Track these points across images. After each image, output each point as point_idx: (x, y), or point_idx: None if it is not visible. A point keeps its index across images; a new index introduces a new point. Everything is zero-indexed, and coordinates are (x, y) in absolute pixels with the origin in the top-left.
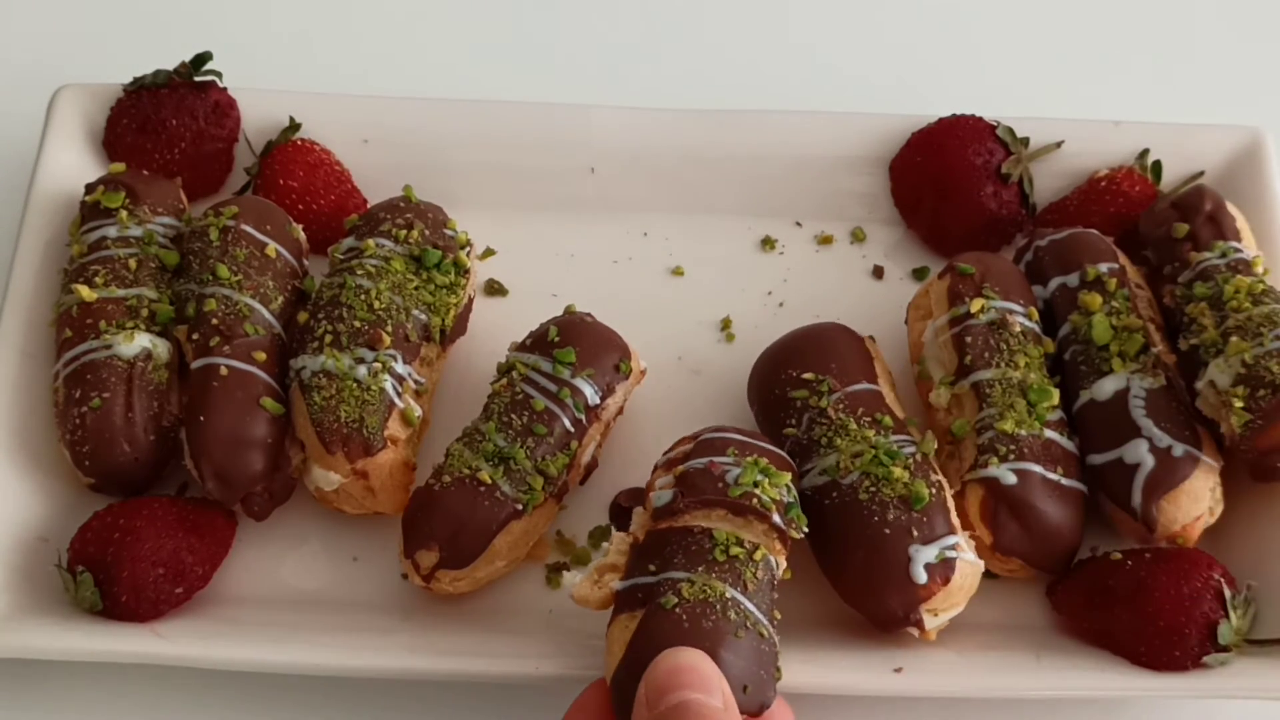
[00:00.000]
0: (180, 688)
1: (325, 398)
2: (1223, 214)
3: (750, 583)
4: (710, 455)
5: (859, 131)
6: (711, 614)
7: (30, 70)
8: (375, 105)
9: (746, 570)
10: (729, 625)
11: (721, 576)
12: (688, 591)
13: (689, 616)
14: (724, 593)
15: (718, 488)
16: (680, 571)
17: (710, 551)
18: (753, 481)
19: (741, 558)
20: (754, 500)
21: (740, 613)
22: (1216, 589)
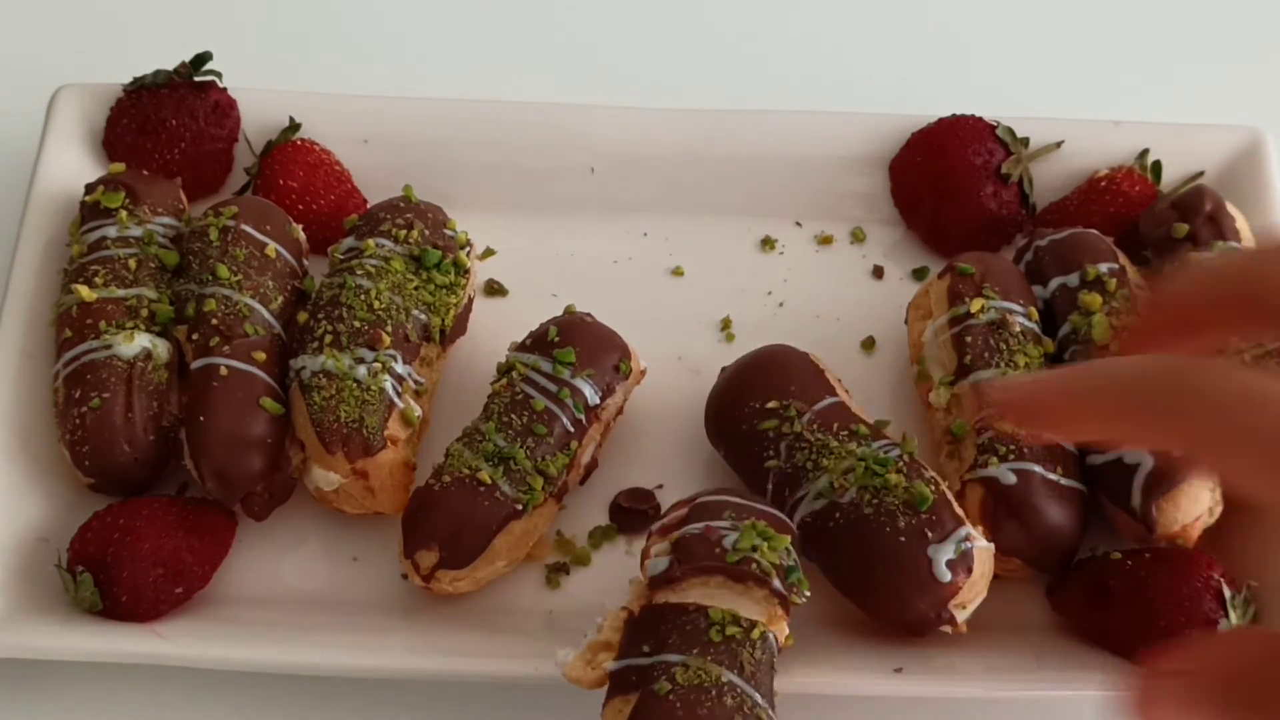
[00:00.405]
0: (180, 687)
1: (325, 398)
2: (1222, 214)
3: (748, 664)
4: (706, 519)
5: (859, 131)
6: (707, 700)
7: (30, 70)
8: (375, 105)
9: (744, 651)
10: (725, 711)
11: (718, 659)
12: (682, 677)
13: (683, 704)
14: (720, 677)
15: (715, 554)
16: (675, 654)
17: (706, 632)
18: (750, 546)
19: (739, 637)
20: (753, 565)
21: (737, 697)
22: (1216, 589)
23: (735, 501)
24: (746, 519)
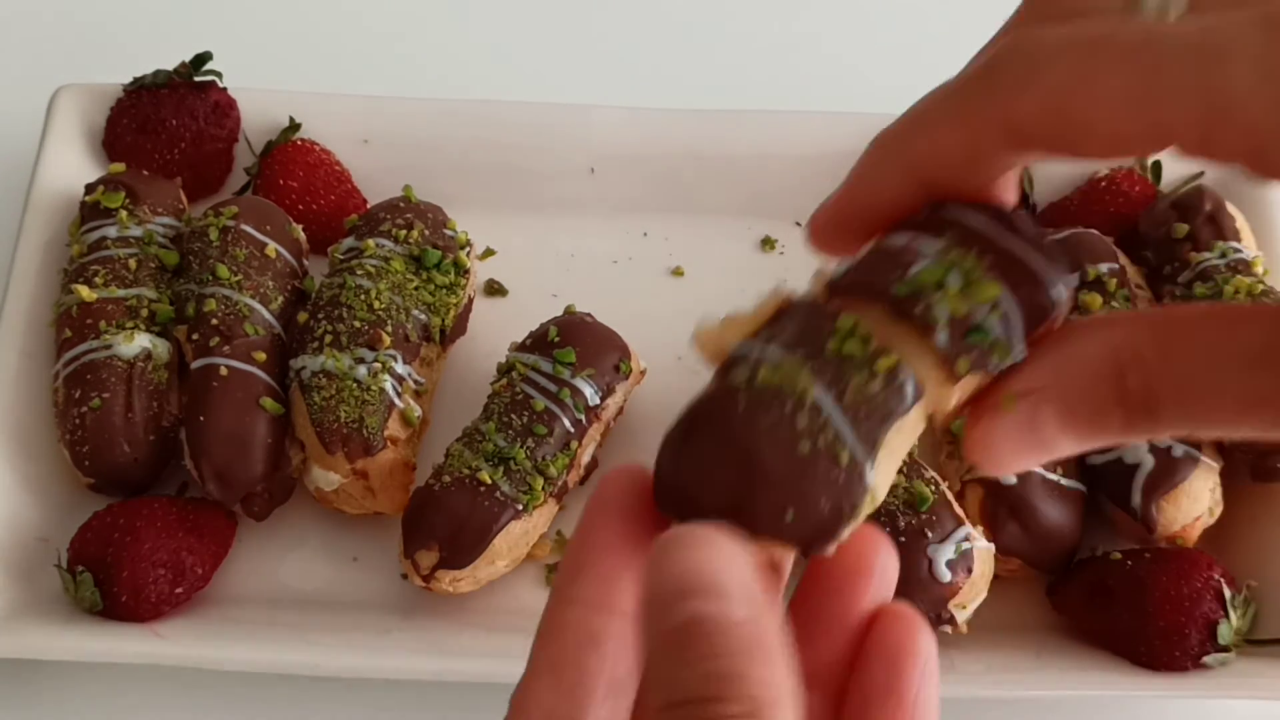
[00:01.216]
0: (180, 687)
1: (325, 398)
2: (1222, 214)
3: (852, 393)
4: (927, 233)
5: (859, 131)
6: (774, 411)
7: (30, 70)
8: (375, 105)
9: (855, 376)
10: (791, 433)
11: (816, 371)
12: (763, 375)
13: (746, 406)
14: (806, 391)
15: (888, 277)
16: (779, 349)
17: (825, 336)
18: (935, 282)
19: (856, 359)
20: (919, 306)
21: (816, 422)
22: (1216, 589)
23: (977, 227)
24: (968, 248)
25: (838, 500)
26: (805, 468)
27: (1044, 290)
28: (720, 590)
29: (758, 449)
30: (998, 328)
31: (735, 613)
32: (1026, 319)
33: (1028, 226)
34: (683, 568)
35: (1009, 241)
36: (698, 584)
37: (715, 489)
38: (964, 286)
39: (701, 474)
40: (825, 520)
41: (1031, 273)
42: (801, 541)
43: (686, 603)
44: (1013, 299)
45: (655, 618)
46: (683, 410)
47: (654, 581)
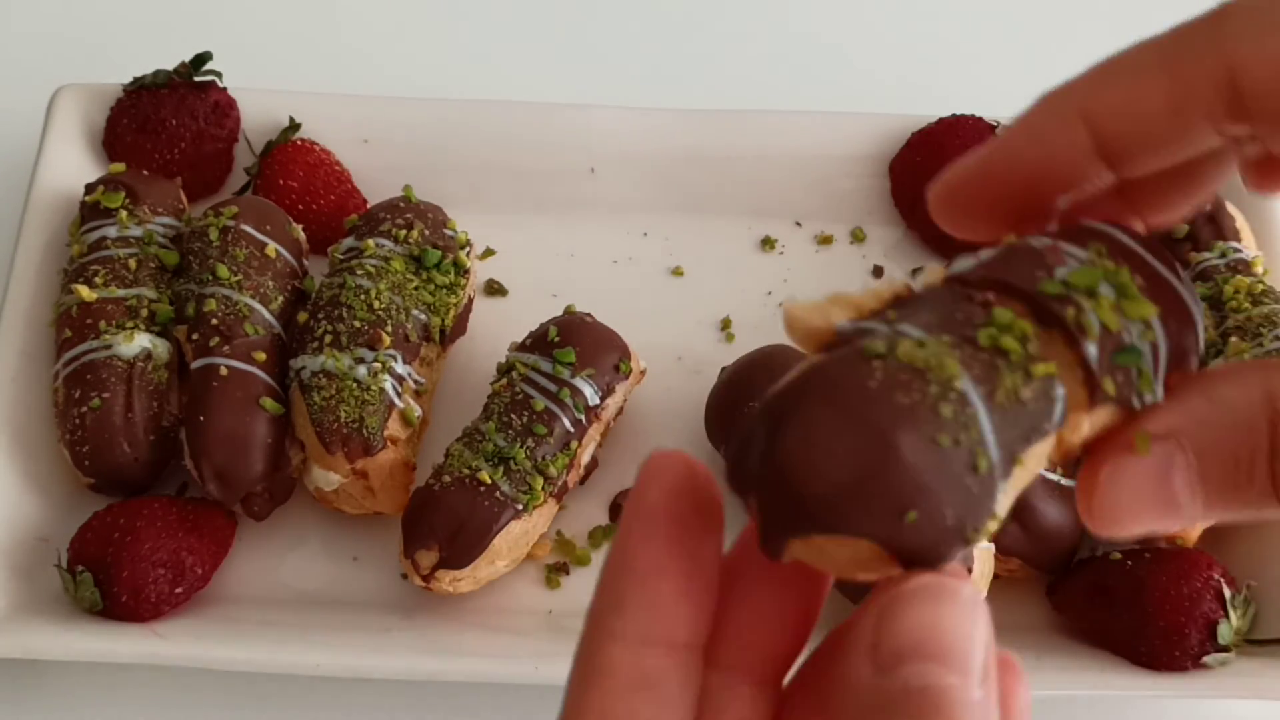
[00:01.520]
0: (180, 687)
1: (325, 398)
2: (1222, 214)
3: (1002, 393)
4: (1070, 242)
5: (859, 131)
6: (917, 392)
7: (30, 70)
8: (375, 105)
9: (1007, 377)
10: (930, 419)
11: (965, 360)
12: (904, 351)
13: (884, 380)
14: (953, 378)
15: (1033, 275)
16: (918, 330)
17: (976, 326)
18: (1087, 287)
19: (1013, 357)
20: (1070, 309)
21: (960, 415)
22: (1216, 589)
23: (1126, 242)
24: (1117, 262)
25: (965, 512)
26: (942, 464)
27: (1193, 327)
28: (964, 662)
29: (893, 429)
30: (1149, 354)
31: (974, 692)
32: (1172, 354)
33: (1170, 258)
34: (926, 624)
35: (1159, 267)
36: (940, 648)
37: (829, 467)
38: (1118, 299)
39: (812, 448)
40: (947, 532)
41: (1183, 305)
42: (911, 551)
43: (923, 665)
44: (1163, 328)
45: (877, 673)
46: (783, 382)
47: (885, 631)
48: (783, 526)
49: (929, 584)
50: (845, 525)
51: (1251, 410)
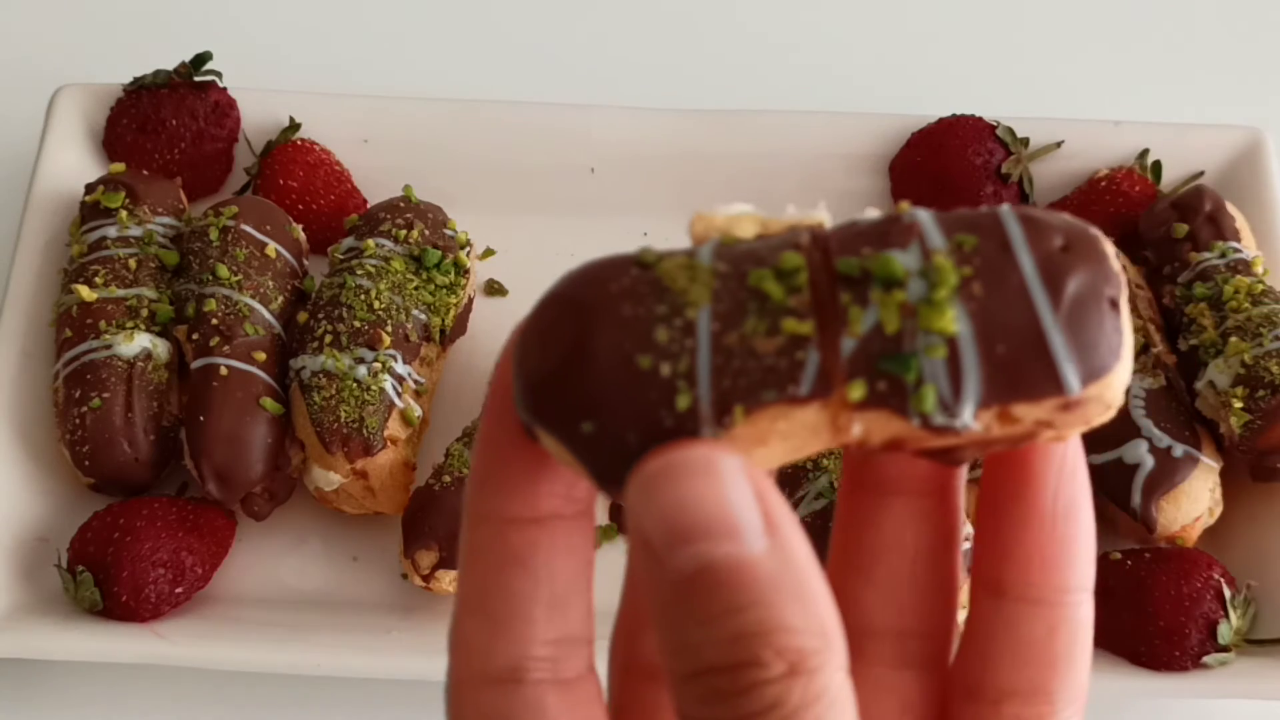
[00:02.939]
0: (180, 687)
1: (325, 398)
2: (1222, 214)
3: (735, 336)
4: (954, 225)
5: (859, 131)
6: (644, 308)
7: (30, 70)
8: (375, 105)
9: (751, 321)
10: (641, 337)
11: (720, 294)
12: (667, 267)
13: (626, 287)
14: (690, 305)
15: (858, 247)
16: (720, 256)
17: (759, 263)
18: (885, 278)
19: (767, 302)
20: (849, 293)
21: (677, 343)
22: (1216, 589)
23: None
24: (968, 263)
25: (646, 441)
26: (634, 386)
27: (1043, 362)
28: (729, 526)
29: (597, 331)
30: (934, 371)
31: (752, 547)
32: (990, 383)
33: (1098, 275)
34: (671, 508)
35: (1044, 283)
36: (699, 523)
37: (538, 357)
38: (919, 302)
39: (531, 334)
40: (623, 455)
41: (1034, 332)
42: (587, 462)
43: (690, 548)
44: (977, 349)
45: (654, 573)
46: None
47: (644, 530)
48: (518, 405)
49: (656, 467)
50: (538, 416)
51: None
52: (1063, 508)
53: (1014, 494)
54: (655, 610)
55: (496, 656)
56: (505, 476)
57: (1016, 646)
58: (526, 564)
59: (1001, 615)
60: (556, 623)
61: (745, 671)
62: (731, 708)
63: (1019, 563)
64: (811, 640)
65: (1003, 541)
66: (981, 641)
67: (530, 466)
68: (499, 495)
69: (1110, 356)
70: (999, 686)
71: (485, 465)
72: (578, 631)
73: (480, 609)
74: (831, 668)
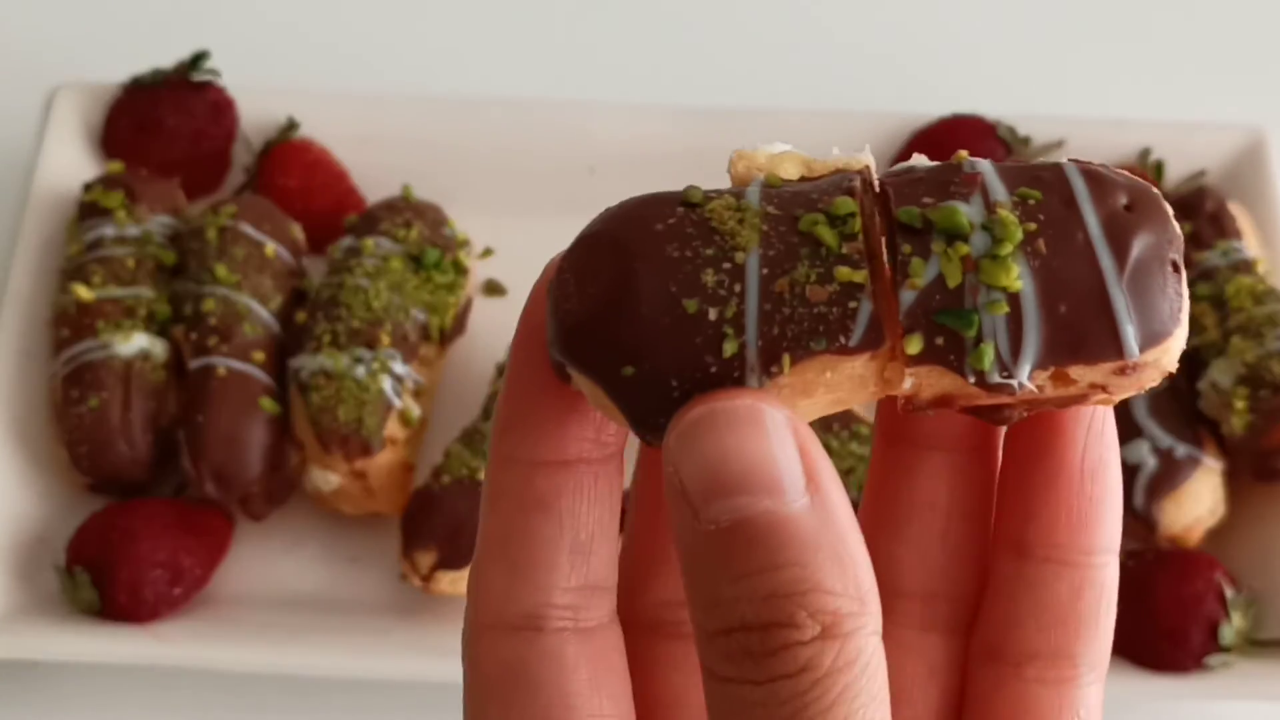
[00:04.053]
0: (177, 688)
1: (324, 398)
2: (1225, 214)
3: (786, 282)
4: (1019, 177)
5: (860, 130)
6: (692, 250)
7: (29, 69)
8: (374, 104)
9: (803, 268)
10: (690, 280)
11: (770, 238)
12: (714, 207)
13: (672, 227)
14: (740, 249)
15: (919, 196)
16: (769, 199)
17: (812, 208)
18: (949, 229)
19: (822, 250)
20: (911, 244)
21: (725, 287)
22: (1219, 590)
23: (1088, 209)
24: (1033, 219)
25: (694, 389)
26: (680, 330)
27: (1105, 324)
28: (772, 481)
29: (641, 272)
30: (994, 327)
31: (792, 503)
32: (1050, 343)
33: (1161, 236)
34: (714, 458)
35: (1099, 244)
36: (740, 475)
37: (579, 297)
38: (982, 257)
39: (571, 274)
40: (664, 400)
41: (1097, 293)
42: (626, 406)
43: (728, 500)
44: (1039, 308)
45: (687, 524)
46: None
47: (681, 478)
48: (552, 345)
49: (699, 415)
50: (574, 357)
51: None
52: (1090, 467)
53: (1042, 452)
54: (685, 562)
55: (516, 603)
56: (532, 419)
57: (1040, 608)
58: (551, 509)
59: (1025, 576)
60: (579, 570)
61: (778, 632)
62: (761, 668)
63: (1045, 522)
64: (848, 604)
65: (1029, 500)
66: (1004, 603)
67: (559, 409)
68: (525, 438)
69: (1171, 321)
70: (1021, 649)
71: (512, 406)
72: (601, 579)
73: (502, 554)
74: (866, 632)
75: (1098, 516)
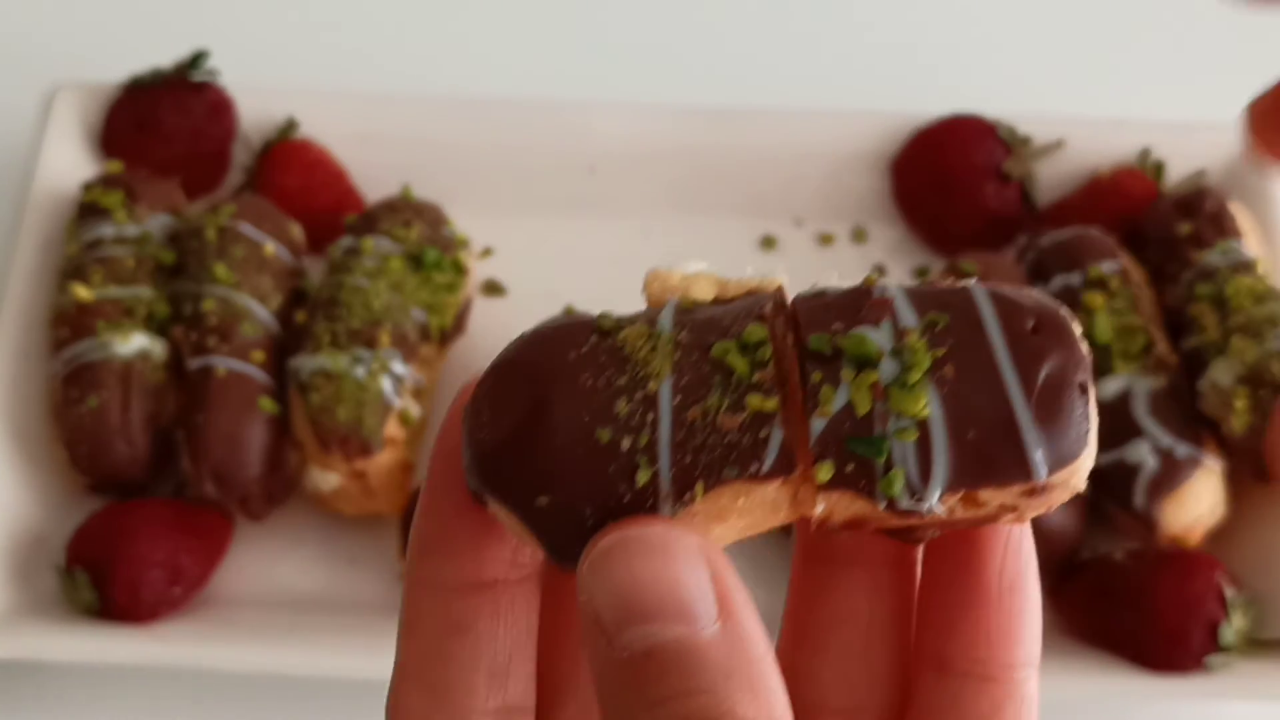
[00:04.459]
0: (176, 689)
1: (323, 398)
2: (1225, 214)
3: (698, 411)
4: (925, 301)
5: (860, 130)
6: (604, 379)
7: (28, 69)
8: (374, 104)
9: (715, 397)
10: (602, 409)
11: (683, 365)
12: (628, 335)
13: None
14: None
15: (828, 322)
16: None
17: (723, 334)
18: (859, 357)
19: (734, 377)
20: (820, 371)
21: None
22: (1219, 590)
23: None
24: (941, 344)
25: (603, 517)
26: (594, 460)
27: (1013, 448)
28: (683, 608)
29: (554, 401)
30: (904, 454)
31: (704, 630)
32: (959, 468)
33: (1068, 358)
34: (624, 585)
35: (1016, 367)
36: (651, 602)
37: (492, 426)
38: (891, 382)
39: (486, 402)
40: (580, 531)
41: (1005, 417)
42: (544, 540)
43: (640, 628)
44: (948, 434)
45: (602, 651)
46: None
47: (595, 606)
48: (468, 473)
49: (610, 543)
50: (489, 487)
51: None
52: (1008, 581)
53: (960, 567)
54: (601, 688)
55: None
56: (448, 543)
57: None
58: (468, 632)
59: (947, 691)
60: (497, 692)
61: None
62: None
63: (964, 638)
64: None
65: (947, 617)
66: (927, 718)
67: (475, 531)
68: (442, 561)
69: (1079, 443)
70: None
71: (428, 529)
72: (519, 701)
73: (419, 678)
74: None
75: (1017, 631)
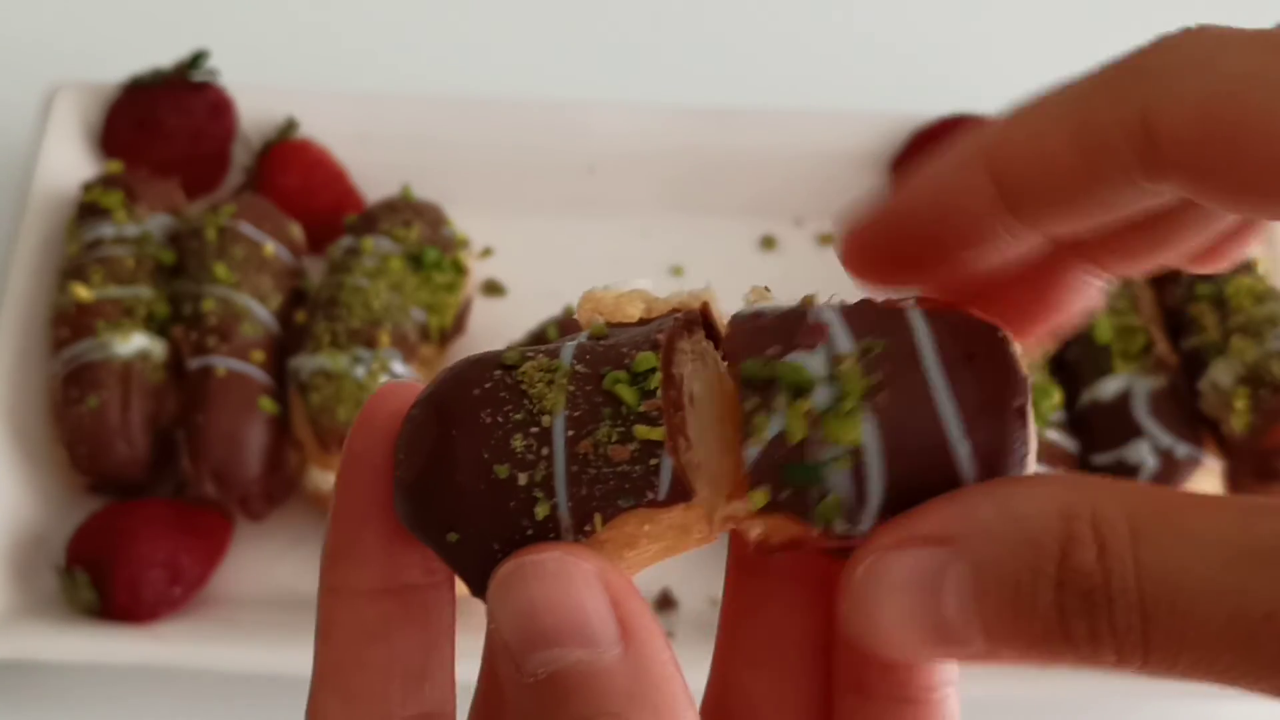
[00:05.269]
0: (176, 688)
1: (323, 398)
2: None
3: (589, 443)
4: (864, 327)
5: (861, 130)
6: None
7: (28, 69)
8: (373, 104)
9: (604, 429)
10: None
11: (575, 399)
12: (528, 369)
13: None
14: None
15: (762, 347)
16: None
17: (618, 363)
18: (794, 384)
19: (621, 408)
20: (754, 400)
21: (533, 451)
22: None
23: (930, 354)
24: (875, 371)
25: (509, 550)
26: (493, 496)
27: (946, 474)
28: (584, 631)
29: (457, 439)
30: (838, 481)
31: (605, 654)
32: (893, 494)
33: (1005, 383)
34: (527, 610)
35: (952, 392)
36: (550, 627)
37: (407, 464)
38: (826, 410)
39: (404, 440)
40: (487, 562)
41: (939, 444)
42: (460, 574)
43: (543, 652)
44: (883, 460)
45: (510, 676)
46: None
47: (501, 632)
48: (396, 507)
49: (510, 570)
50: (409, 523)
51: (1043, 527)
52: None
53: None
54: (513, 713)
55: None
56: (359, 548)
57: None
58: (381, 637)
59: (869, 714)
60: (414, 698)
61: None
62: None
63: (881, 663)
64: None
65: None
66: None
67: (385, 537)
68: (354, 567)
69: (1016, 468)
70: None
71: (339, 536)
72: (437, 706)
73: (336, 685)
74: None
75: None
